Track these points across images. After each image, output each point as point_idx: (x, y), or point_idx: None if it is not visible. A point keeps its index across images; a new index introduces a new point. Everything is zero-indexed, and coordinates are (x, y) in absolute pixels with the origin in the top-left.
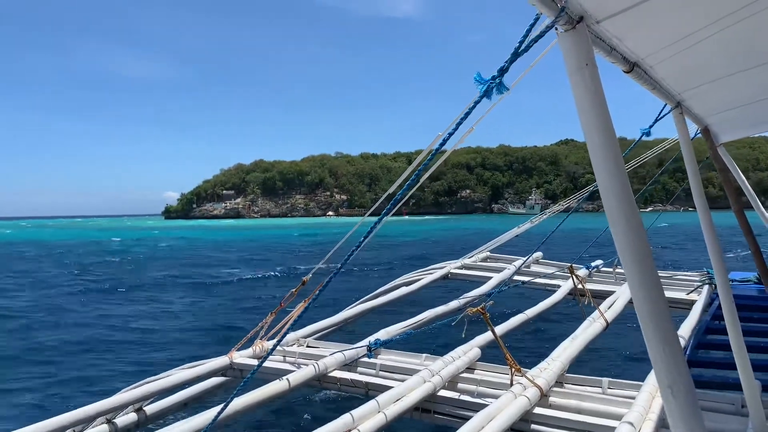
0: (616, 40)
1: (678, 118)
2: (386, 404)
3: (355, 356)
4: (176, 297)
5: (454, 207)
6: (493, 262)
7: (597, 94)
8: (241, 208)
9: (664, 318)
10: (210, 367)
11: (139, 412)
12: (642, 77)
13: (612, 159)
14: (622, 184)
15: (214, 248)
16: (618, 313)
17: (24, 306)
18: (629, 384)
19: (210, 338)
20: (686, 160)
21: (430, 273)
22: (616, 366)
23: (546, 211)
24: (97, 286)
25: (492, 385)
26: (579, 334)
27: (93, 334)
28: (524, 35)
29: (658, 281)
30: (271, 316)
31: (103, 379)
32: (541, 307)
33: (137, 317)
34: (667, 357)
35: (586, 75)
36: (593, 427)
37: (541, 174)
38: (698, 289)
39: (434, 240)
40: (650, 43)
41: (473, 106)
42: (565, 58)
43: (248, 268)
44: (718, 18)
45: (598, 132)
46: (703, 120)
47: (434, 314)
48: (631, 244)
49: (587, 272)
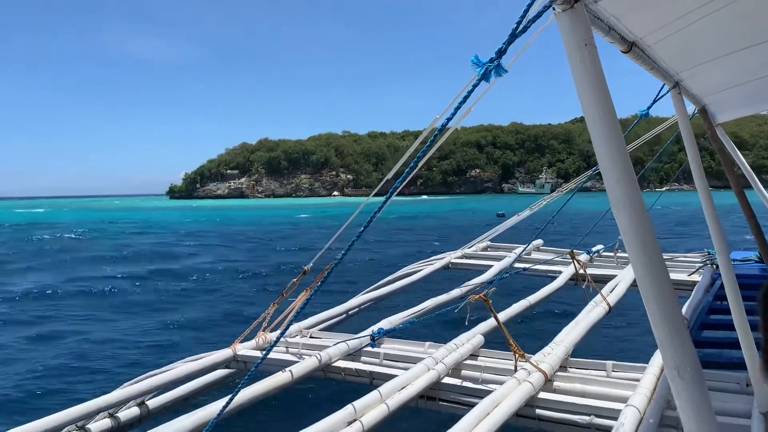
0: (614, 19)
1: (676, 98)
2: (390, 393)
3: (359, 346)
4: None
5: (463, 187)
6: (494, 251)
7: (597, 73)
8: (245, 188)
9: (669, 299)
10: (213, 359)
11: (141, 407)
12: (640, 57)
13: (613, 139)
14: (624, 163)
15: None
16: (620, 296)
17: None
18: (633, 366)
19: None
20: (685, 139)
21: (431, 263)
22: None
23: (545, 198)
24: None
25: (496, 372)
26: (581, 318)
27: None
28: (522, 15)
29: (663, 262)
30: (274, 307)
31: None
32: (543, 293)
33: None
34: (673, 338)
35: (585, 55)
36: (598, 410)
37: (554, 152)
38: (699, 270)
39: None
40: (648, 22)
41: (471, 89)
42: (564, 38)
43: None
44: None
45: (599, 112)
46: (700, 100)
47: (436, 303)
48: (633, 225)
49: (588, 257)
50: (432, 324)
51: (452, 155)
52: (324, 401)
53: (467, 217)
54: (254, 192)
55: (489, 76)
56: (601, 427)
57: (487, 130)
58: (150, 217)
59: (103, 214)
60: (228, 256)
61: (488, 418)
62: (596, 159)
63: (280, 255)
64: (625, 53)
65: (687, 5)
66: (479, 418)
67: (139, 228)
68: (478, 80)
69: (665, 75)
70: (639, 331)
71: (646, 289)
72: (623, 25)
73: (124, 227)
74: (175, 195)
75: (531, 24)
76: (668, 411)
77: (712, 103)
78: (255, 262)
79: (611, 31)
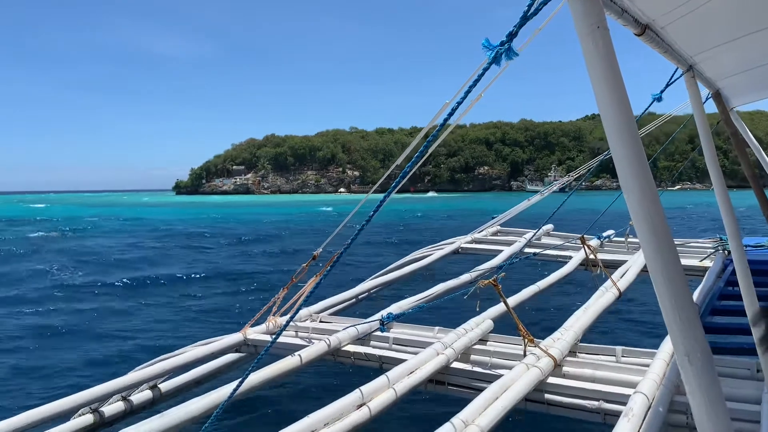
0: (627, 1)
1: (690, 82)
2: (399, 377)
3: (368, 330)
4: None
5: (471, 184)
6: (504, 236)
7: (609, 57)
8: (250, 184)
9: (680, 284)
10: (224, 343)
11: (153, 390)
12: (654, 40)
13: (625, 123)
14: (636, 148)
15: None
16: (631, 282)
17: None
18: (643, 352)
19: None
20: (698, 124)
21: (441, 248)
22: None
23: (555, 183)
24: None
25: (505, 356)
26: (592, 303)
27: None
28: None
29: (673, 246)
30: (284, 292)
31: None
32: (553, 278)
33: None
34: (683, 324)
35: (598, 38)
36: (607, 396)
37: (564, 150)
38: (711, 256)
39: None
40: (662, 3)
41: (482, 72)
42: (576, 21)
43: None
44: None
45: (611, 96)
46: (714, 84)
47: (446, 288)
48: (644, 208)
49: (599, 242)
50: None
51: (460, 152)
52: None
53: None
54: (260, 188)
55: (500, 60)
56: (610, 412)
57: (496, 126)
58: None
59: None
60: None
61: (497, 402)
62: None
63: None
64: (638, 36)
65: None
66: (488, 402)
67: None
68: (489, 63)
69: (679, 58)
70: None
71: (656, 274)
72: (637, 7)
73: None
74: (181, 191)
75: (543, 6)
76: (678, 396)
77: (726, 86)
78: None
79: (624, 13)
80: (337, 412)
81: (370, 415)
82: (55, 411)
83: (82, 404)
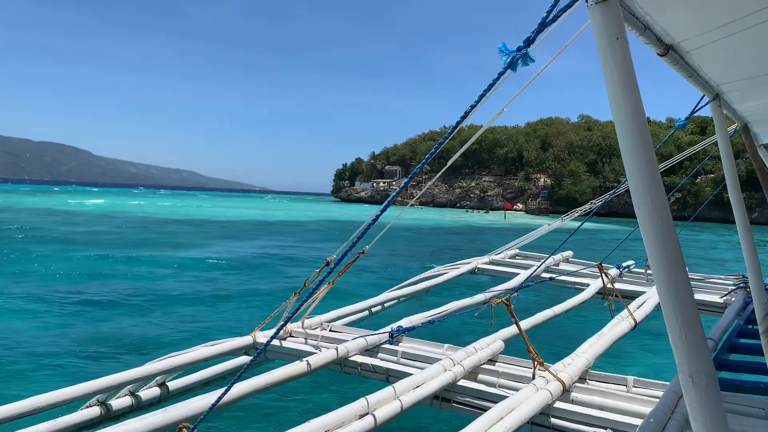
0: (650, 17)
1: (716, 111)
2: (405, 390)
3: (377, 342)
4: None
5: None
6: (522, 259)
7: (627, 70)
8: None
9: (687, 302)
10: (233, 345)
11: (161, 387)
12: (678, 62)
13: (640, 138)
14: (650, 164)
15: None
16: (647, 313)
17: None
18: (655, 383)
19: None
20: (723, 157)
21: (457, 267)
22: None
23: (575, 210)
24: None
25: (514, 378)
26: (606, 331)
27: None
28: (552, 4)
29: (682, 262)
30: (295, 297)
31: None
32: (568, 305)
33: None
34: (688, 343)
35: (617, 49)
36: (616, 425)
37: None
38: (732, 293)
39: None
40: (688, 25)
41: (497, 78)
42: (595, 31)
43: None
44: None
45: (627, 110)
46: (743, 117)
47: (459, 306)
48: (656, 226)
49: (618, 272)
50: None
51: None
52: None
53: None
54: (405, 196)
55: (515, 65)
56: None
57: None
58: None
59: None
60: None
61: (501, 423)
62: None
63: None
64: (661, 56)
65: (735, 11)
66: (492, 422)
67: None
68: (504, 69)
69: (705, 86)
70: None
71: (662, 288)
72: (660, 26)
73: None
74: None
75: (561, 14)
76: (688, 430)
77: (756, 121)
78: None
79: (647, 30)
80: (339, 420)
81: (374, 425)
82: (62, 398)
83: (89, 393)
